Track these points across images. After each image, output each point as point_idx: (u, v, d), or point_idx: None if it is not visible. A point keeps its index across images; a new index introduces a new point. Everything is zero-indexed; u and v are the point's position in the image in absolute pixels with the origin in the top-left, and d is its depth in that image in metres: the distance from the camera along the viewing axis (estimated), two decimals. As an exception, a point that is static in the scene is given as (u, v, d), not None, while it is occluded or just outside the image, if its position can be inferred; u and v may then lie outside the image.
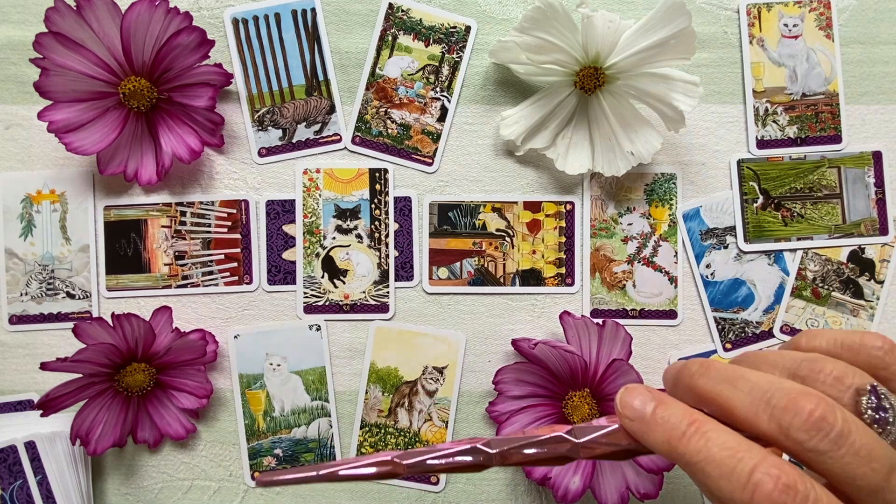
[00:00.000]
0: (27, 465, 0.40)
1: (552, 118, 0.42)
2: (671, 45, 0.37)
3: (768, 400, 0.22)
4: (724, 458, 0.22)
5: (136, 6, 0.38)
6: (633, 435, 0.25)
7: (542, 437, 0.26)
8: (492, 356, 0.44)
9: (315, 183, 0.44)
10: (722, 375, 0.24)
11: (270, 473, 0.24)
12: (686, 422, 0.23)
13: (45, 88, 0.39)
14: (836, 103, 0.44)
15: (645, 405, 0.25)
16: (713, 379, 0.25)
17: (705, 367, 0.25)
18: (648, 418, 0.24)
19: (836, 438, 0.21)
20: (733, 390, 0.24)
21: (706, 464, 0.22)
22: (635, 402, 0.25)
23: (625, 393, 0.26)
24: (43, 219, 0.43)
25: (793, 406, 0.22)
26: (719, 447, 0.22)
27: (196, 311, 0.44)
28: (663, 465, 0.39)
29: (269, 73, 0.44)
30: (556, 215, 0.44)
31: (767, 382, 0.23)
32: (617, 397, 0.26)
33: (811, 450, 0.21)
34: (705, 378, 0.25)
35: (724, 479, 0.22)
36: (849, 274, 0.44)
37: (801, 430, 0.21)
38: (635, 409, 0.25)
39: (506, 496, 0.44)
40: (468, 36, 0.44)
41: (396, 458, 0.25)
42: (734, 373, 0.24)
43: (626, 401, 0.25)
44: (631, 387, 0.26)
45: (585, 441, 0.25)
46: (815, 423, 0.21)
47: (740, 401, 0.23)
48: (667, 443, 0.23)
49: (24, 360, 0.44)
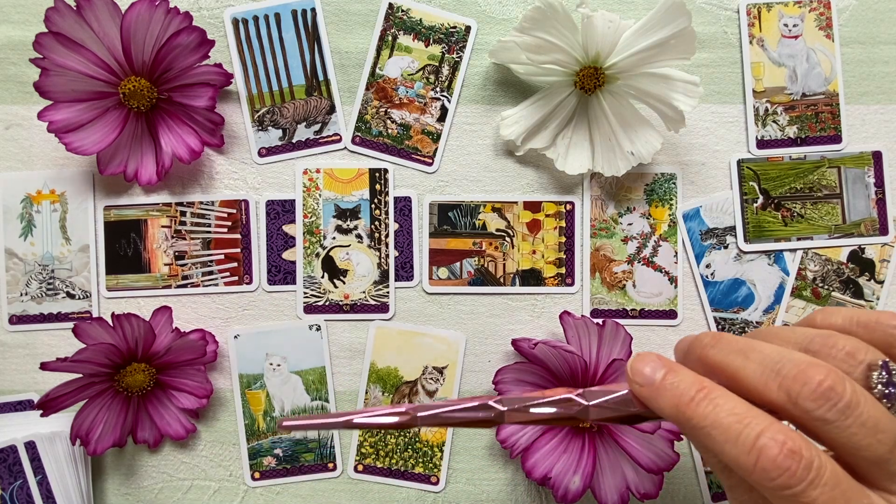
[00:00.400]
0: (27, 465, 0.40)
1: (552, 118, 0.42)
2: (671, 45, 0.37)
3: (778, 370, 0.23)
4: (731, 424, 0.22)
5: (136, 6, 0.38)
6: (642, 400, 0.25)
7: (553, 398, 0.26)
8: (492, 356, 0.44)
9: (315, 183, 0.44)
10: (733, 346, 0.25)
11: (294, 418, 0.26)
12: (695, 388, 0.24)
13: (45, 88, 0.39)
14: (836, 103, 0.44)
15: (655, 371, 0.25)
16: (724, 350, 0.25)
17: (717, 338, 0.26)
18: (658, 384, 0.25)
19: (844, 409, 0.21)
20: (744, 360, 0.24)
21: (713, 428, 0.22)
22: (646, 369, 0.25)
23: (636, 360, 0.26)
24: (43, 219, 0.43)
25: (802, 376, 0.22)
26: (727, 413, 0.22)
27: (196, 311, 0.44)
28: (663, 464, 0.39)
29: (269, 73, 0.44)
30: (556, 215, 0.44)
31: (778, 353, 0.23)
32: (628, 364, 0.26)
33: (818, 419, 0.22)
34: (716, 349, 0.25)
35: (729, 443, 0.22)
36: (849, 274, 0.44)
37: (809, 399, 0.22)
38: (645, 375, 0.25)
39: (506, 496, 0.44)
40: (468, 36, 0.44)
41: (410, 410, 0.26)
42: (746, 344, 0.24)
43: (637, 367, 0.26)
44: (642, 354, 0.26)
45: (595, 403, 0.26)
46: (824, 392, 0.21)
47: (750, 370, 0.23)
48: (675, 407, 0.24)
49: (24, 360, 0.44)
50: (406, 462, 0.44)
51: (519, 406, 0.26)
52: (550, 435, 0.41)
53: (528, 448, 0.41)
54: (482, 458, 0.44)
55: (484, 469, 0.44)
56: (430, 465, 0.44)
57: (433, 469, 0.44)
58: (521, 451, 0.41)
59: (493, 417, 0.26)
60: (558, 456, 0.41)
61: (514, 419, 0.26)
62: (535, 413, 0.26)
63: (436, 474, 0.44)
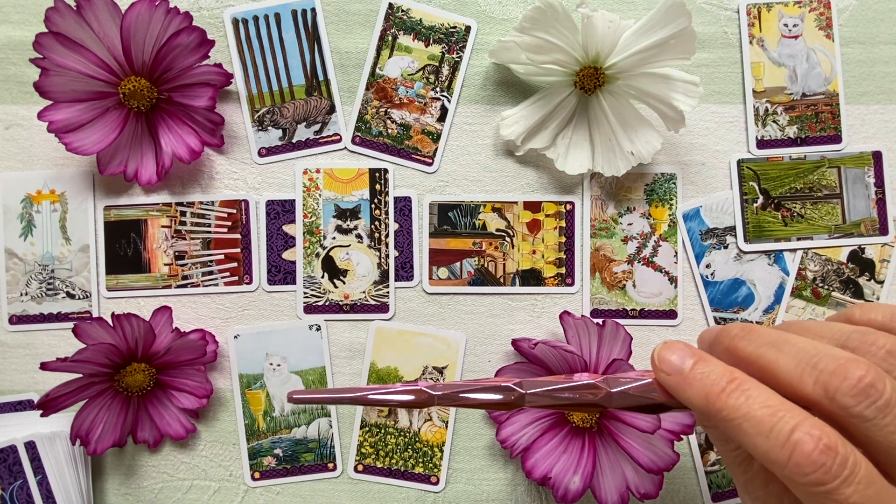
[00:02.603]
0: (27, 465, 0.40)
1: (552, 118, 0.42)
2: (671, 45, 0.37)
3: (815, 364, 0.22)
4: (764, 416, 0.21)
5: (136, 6, 0.38)
6: (668, 390, 0.25)
7: (575, 383, 0.25)
8: (492, 356, 0.44)
9: (315, 183, 0.44)
10: (766, 339, 0.24)
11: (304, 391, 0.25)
12: (726, 378, 0.23)
13: (45, 88, 0.39)
14: (836, 103, 0.44)
15: (684, 360, 0.24)
16: (755, 342, 0.24)
17: (747, 329, 0.25)
18: (687, 373, 0.24)
19: (884, 406, 0.21)
20: (777, 353, 0.23)
21: (744, 420, 0.22)
22: (673, 357, 0.24)
23: (663, 348, 0.25)
24: (43, 219, 0.43)
25: (841, 371, 0.21)
26: (760, 405, 0.22)
27: (196, 311, 0.44)
28: (663, 464, 0.39)
29: (269, 73, 0.44)
30: (556, 215, 0.44)
31: (815, 348, 0.22)
32: (654, 352, 0.25)
33: (856, 416, 0.21)
34: (747, 340, 0.24)
35: (762, 436, 0.21)
36: (849, 274, 0.44)
37: (848, 395, 0.21)
38: (673, 364, 0.24)
39: (506, 496, 0.44)
40: (468, 36, 0.44)
41: (427, 388, 0.25)
42: (779, 337, 0.24)
43: (664, 356, 0.25)
44: (669, 342, 0.25)
45: (618, 390, 0.25)
46: (864, 389, 0.21)
47: (784, 363, 0.23)
48: (704, 398, 0.23)
49: (24, 360, 0.44)
50: (406, 462, 0.44)
51: (540, 390, 0.25)
52: (550, 435, 0.41)
53: (528, 448, 0.41)
54: (482, 458, 0.44)
55: (484, 469, 0.44)
56: (430, 465, 0.44)
57: (433, 469, 0.44)
58: (521, 451, 0.41)
59: (514, 400, 0.25)
60: (558, 456, 0.41)
61: (534, 402, 0.25)
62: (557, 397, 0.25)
63: (436, 474, 0.44)
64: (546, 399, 0.25)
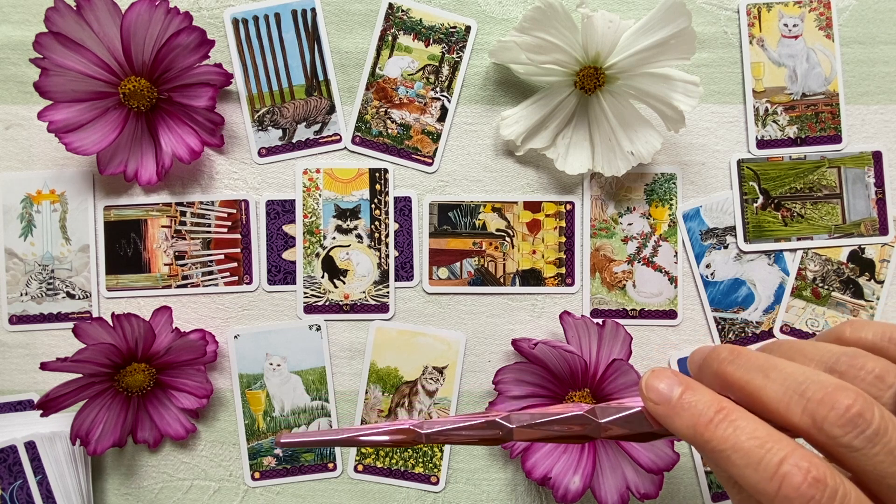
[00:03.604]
0: (27, 465, 0.40)
1: (552, 118, 0.42)
2: (671, 45, 0.37)
3: (803, 392, 0.22)
4: (753, 448, 0.21)
5: (136, 6, 0.38)
6: (657, 419, 0.25)
7: (563, 416, 0.25)
8: (492, 356, 0.44)
9: (315, 183, 0.44)
10: (754, 363, 0.23)
11: (293, 434, 0.25)
12: (714, 408, 0.23)
13: (45, 88, 0.39)
14: (836, 103, 0.44)
15: (672, 389, 0.24)
16: (744, 366, 0.24)
17: (735, 353, 0.24)
18: (675, 402, 0.24)
19: (872, 436, 0.20)
20: (765, 379, 0.23)
21: (732, 452, 0.22)
22: (661, 386, 0.24)
23: (650, 376, 0.25)
24: (43, 219, 0.43)
25: (829, 400, 0.21)
26: (747, 436, 0.21)
27: (196, 311, 0.44)
28: (663, 464, 0.39)
29: (269, 73, 0.44)
30: (556, 215, 0.44)
31: (803, 374, 0.22)
32: (642, 380, 0.25)
33: (844, 445, 0.21)
34: (735, 365, 0.24)
35: (750, 468, 0.21)
36: (849, 274, 0.44)
37: (835, 424, 0.21)
38: (661, 393, 0.24)
39: (506, 496, 0.44)
40: (468, 36, 0.44)
41: (415, 427, 0.25)
42: (767, 362, 0.23)
43: (652, 384, 0.25)
44: (657, 370, 0.25)
45: (607, 421, 0.25)
46: (852, 418, 0.20)
47: (772, 390, 0.22)
48: (692, 428, 0.23)
49: (24, 360, 0.44)
50: (406, 462, 0.44)
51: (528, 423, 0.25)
52: (550, 435, 0.41)
53: (528, 448, 0.41)
54: (482, 458, 0.44)
55: (484, 469, 0.44)
56: (430, 465, 0.44)
57: (433, 469, 0.44)
58: (521, 451, 0.41)
59: (502, 436, 0.25)
60: (558, 456, 0.41)
61: (522, 437, 0.25)
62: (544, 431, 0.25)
63: (436, 474, 0.44)
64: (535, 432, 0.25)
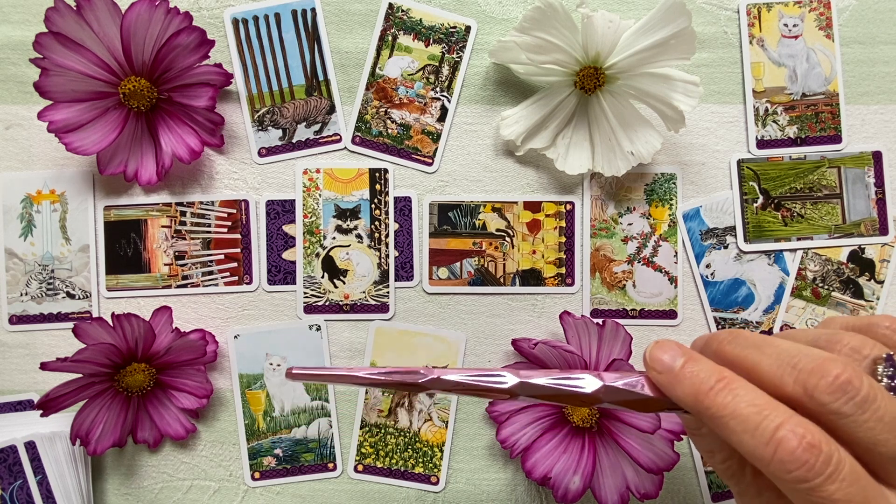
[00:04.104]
0: (27, 465, 0.40)
1: (552, 118, 0.42)
2: (671, 45, 0.37)
3: (794, 364, 0.23)
4: (750, 414, 0.22)
5: (136, 6, 0.38)
6: (660, 388, 0.25)
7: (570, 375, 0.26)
8: (492, 356, 0.44)
9: (315, 183, 0.44)
10: (750, 341, 0.25)
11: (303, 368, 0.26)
12: (715, 377, 0.24)
13: (45, 88, 0.39)
14: (836, 103, 0.44)
15: (675, 359, 0.25)
16: (741, 345, 0.25)
17: (734, 334, 0.26)
18: (677, 372, 0.25)
19: (861, 402, 0.21)
20: (760, 354, 0.24)
21: (731, 418, 0.22)
22: (665, 356, 0.25)
23: (654, 347, 0.26)
24: (43, 219, 0.43)
25: (819, 369, 0.22)
26: (746, 403, 0.22)
27: (196, 311, 0.44)
28: (663, 464, 0.39)
29: (269, 73, 0.44)
30: (556, 215, 0.44)
31: (795, 348, 0.23)
32: (646, 351, 0.26)
33: (835, 412, 0.22)
34: (733, 344, 0.25)
35: (748, 433, 0.22)
36: (849, 274, 0.44)
37: (825, 392, 0.22)
38: (664, 363, 0.25)
39: (506, 496, 0.44)
40: (468, 36, 0.44)
41: (423, 371, 0.26)
42: (762, 340, 0.25)
43: (656, 355, 0.26)
44: (661, 341, 0.26)
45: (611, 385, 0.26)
46: (841, 385, 0.21)
47: (767, 364, 0.24)
48: (693, 396, 0.24)
49: (24, 360, 0.44)
50: (406, 462, 0.44)
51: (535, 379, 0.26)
52: (550, 435, 0.41)
53: (528, 448, 0.41)
54: (482, 458, 0.44)
55: (484, 469, 0.44)
56: (430, 465, 0.44)
57: (433, 469, 0.44)
58: (521, 451, 0.41)
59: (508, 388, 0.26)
60: (558, 456, 0.41)
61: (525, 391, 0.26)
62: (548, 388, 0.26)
63: (436, 474, 0.44)
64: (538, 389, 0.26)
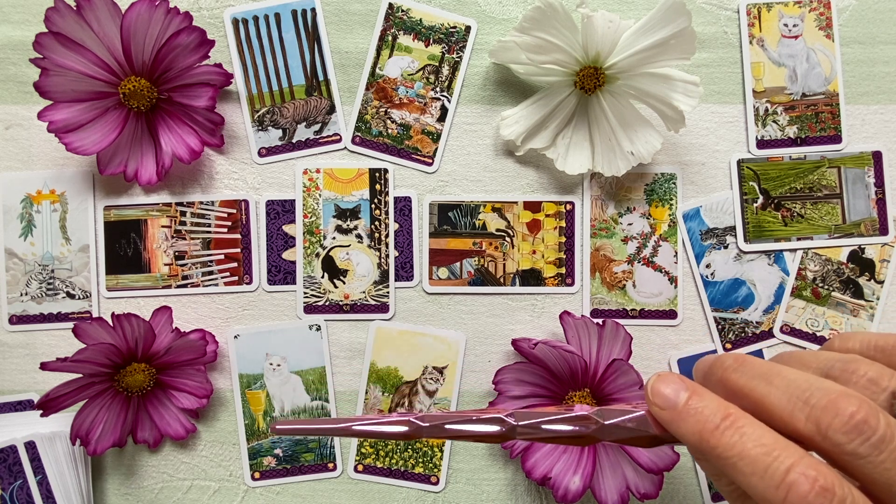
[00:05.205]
0: (27, 465, 0.40)
1: (552, 118, 0.42)
2: (671, 45, 0.37)
3: (807, 399, 0.21)
4: (759, 455, 0.21)
5: (136, 6, 0.38)
6: (662, 424, 0.24)
7: (567, 415, 0.25)
8: (492, 356, 0.44)
9: (315, 183, 0.44)
10: (757, 371, 0.23)
11: (288, 422, 0.24)
12: (720, 415, 0.22)
13: (45, 88, 0.39)
14: (836, 103, 0.44)
15: (678, 394, 0.24)
16: (748, 374, 0.24)
17: (740, 361, 0.24)
18: (681, 408, 0.23)
19: (878, 443, 0.20)
20: (769, 387, 0.23)
21: (739, 459, 0.21)
22: (667, 391, 0.24)
23: (657, 380, 0.25)
24: (43, 219, 0.43)
25: (833, 407, 0.21)
26: (754, 443, 0.21)
27: (196, 311, 0.44)
28: (663, 465, 0.39)
29: (269, 73, 0.44)
30: (556, 215, 0.44)
31: (805, 381, 0.22)
32: (648, 384, 0.25)
33: (850, 453, 0.20)
34: (739, 373, 0.24)
35: (757, 476, 0.21)
36: (849, 274, 0.44)
37: (840, 431, 0.20)
38: (667, 398, 0.24)
39: (506, 496, 0.44)
40: (468, 36, 0.44)
41: (416, 420, 0.24)
42: (770, 369, 0.23)
43: (658, 388, 0.24)
44: (663, 374, 0.25)
45: (611, 423, 0.25)
46: (857, 425, 0.20)
47: (776, 398, 0.22)
48: (698, 434, 0.23)
49: (24, 360, 0.44)
50: (406, 462, 0.44)
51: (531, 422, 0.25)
52: (550, 435, 0.41)
53: (528, 448, 0.41)
54: (482, 458, 0.44)
55: (484, 469, 0.44)
56: (430, 465, 0.44)
57: (433, 469, 0.44)
58: (521, 451, 0.41)
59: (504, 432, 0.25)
60: (558, 456, 0.41)
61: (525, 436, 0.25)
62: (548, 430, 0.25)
63: (436, 474, 0.44)
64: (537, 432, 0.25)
